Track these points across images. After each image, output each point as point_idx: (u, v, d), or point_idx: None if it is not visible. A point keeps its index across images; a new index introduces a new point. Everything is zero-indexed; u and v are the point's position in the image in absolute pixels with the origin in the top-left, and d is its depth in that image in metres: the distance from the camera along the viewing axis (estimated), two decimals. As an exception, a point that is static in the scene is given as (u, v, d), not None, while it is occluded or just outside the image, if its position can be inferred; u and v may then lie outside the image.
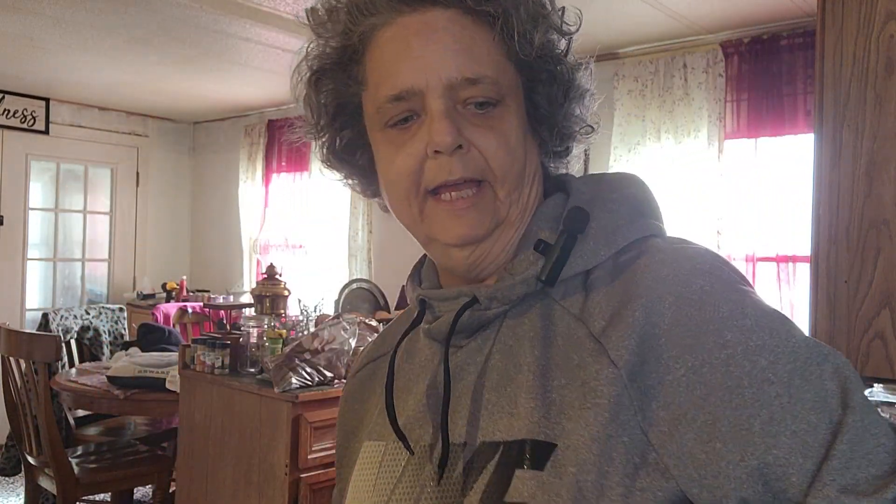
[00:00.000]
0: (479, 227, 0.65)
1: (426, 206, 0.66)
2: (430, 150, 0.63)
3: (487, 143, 0.64)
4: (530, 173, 0.68)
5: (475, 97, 0.64)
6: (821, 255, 1.21)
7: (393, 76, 0.64)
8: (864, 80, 1.18)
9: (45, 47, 3.80)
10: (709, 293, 0.58)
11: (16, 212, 4.98)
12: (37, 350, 2.93)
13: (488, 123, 0.64)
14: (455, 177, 0.63)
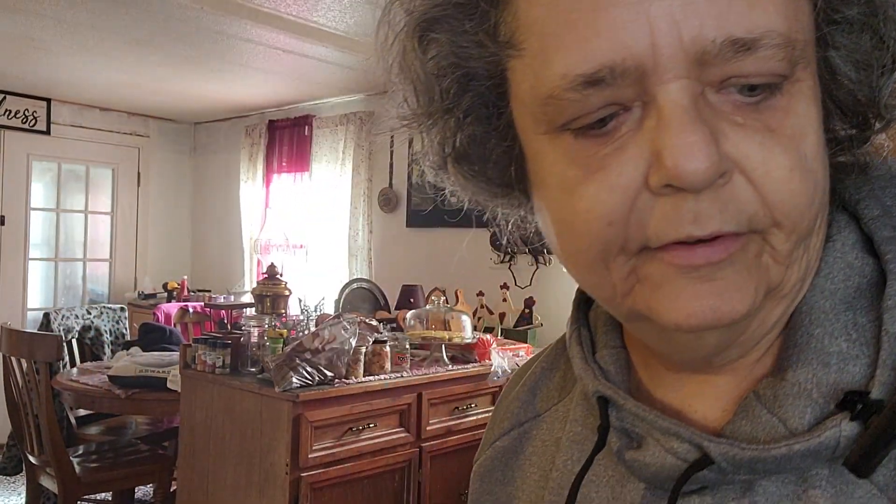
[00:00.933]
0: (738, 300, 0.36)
1: (640, 266, 0.38)
2: (660, 181, 0.35)
3: (769, 165, 0.35)
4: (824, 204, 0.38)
5: (746, 75, 0.34)
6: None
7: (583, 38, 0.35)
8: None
9: (46, 48, 3.81)
10: None
11: (17, 212, 4.99)
12: (38, 350, 2.94)
13: (767, 123, 0.35)
14: (707, 230, 0.35)
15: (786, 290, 0.38)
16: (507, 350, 3.13)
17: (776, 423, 0.38)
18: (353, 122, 4.66)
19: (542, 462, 0.51)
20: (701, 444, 0.39)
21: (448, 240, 4.29)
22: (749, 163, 0.34)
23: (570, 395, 0.52)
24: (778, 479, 0.39)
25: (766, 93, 0.35)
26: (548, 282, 3.86)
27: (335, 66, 4.02)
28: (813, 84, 0.37)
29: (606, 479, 0.46)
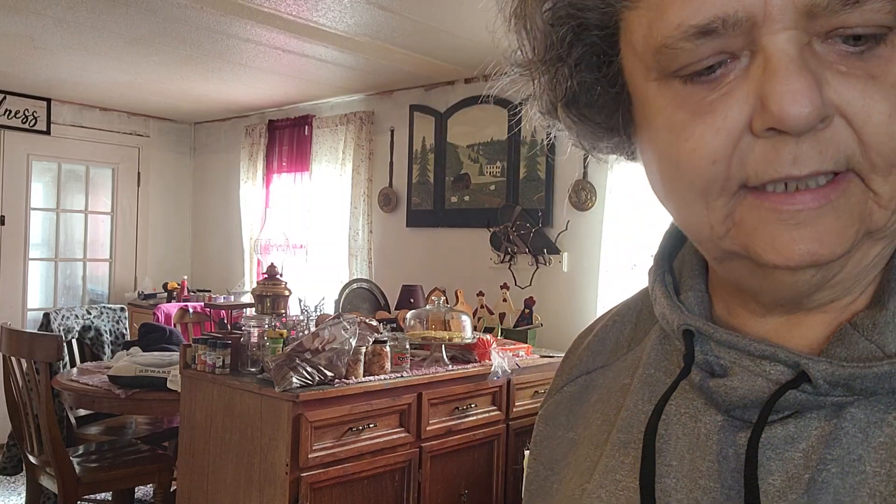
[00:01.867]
0: (836, 240, 0.38)
1: (740, 206, 0.40)
2: (764, 124, 0.37)
3: (869, 110, 0.36)
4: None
5: (851, 26, 0.36)
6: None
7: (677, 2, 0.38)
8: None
9: (46, 48, 3.81)
10: None
11: (17, 212, 4.99)
12: (38, 350, 2.94)
13: (870, 71, 0.37)
14: (805, 171, 0.37)
15: (886, 231, 0.39)
16: (507, 350, 3.13)
17: (873, 349, 0.40)
18: (353, 122, 4.66)
19: (606, 408, 0.53)
20: (799, 362, 0.40)
21: (448, 240, 4.29)
22: (850, 108, 0.36)
23: (641, 345, 0.53)
24: (866, 405, 0.40)
25: (871, 42, 0.37)
26: (548, 282, 3.86)
27: (335, 66, 4.03)
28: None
29: (680, 415, 0.46)
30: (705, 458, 0.44)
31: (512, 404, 3.11)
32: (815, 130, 0.37)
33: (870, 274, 0.42)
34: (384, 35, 3.47)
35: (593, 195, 3.73)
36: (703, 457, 0.45)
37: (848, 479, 0.40)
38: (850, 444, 0.40)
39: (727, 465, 0.43)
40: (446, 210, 4.29)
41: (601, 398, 0.54)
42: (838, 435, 0.41)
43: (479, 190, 4.13)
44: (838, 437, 0.41)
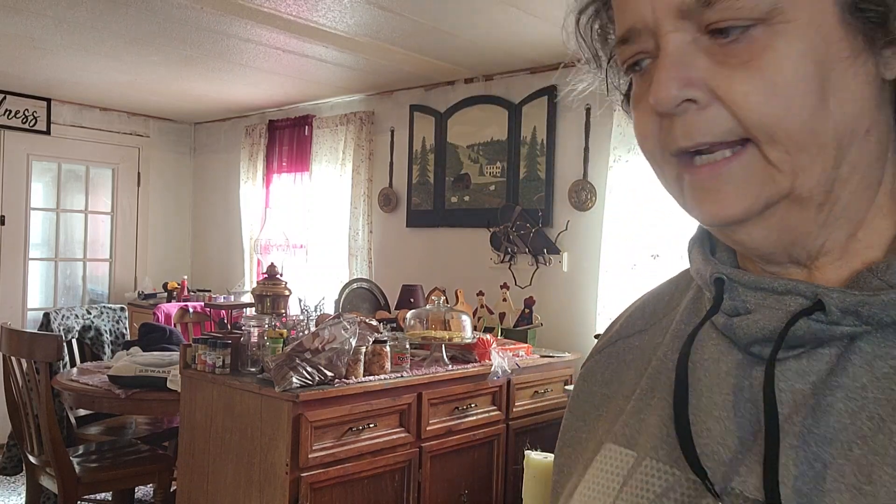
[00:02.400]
0: (734, 202, 0.46)
1: (678, 175, 0.49)
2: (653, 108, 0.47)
3: (736, 89, 0.44)
4: (843, 124, 0.45)
5: (716, 21, 0.44)
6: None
7: (621, 12, 0.50)
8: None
9: (46, 48, 3.81)
10: None
11: (17, 212, 4.99)
12: (38, 350, 2.94)
13: (741, 58, 0.44)
14: (691, 142, 0.46)
15: (807, 195, 0.45)
16: (507, 350, 3.14)
17: (884, 286, 0.45)
18: (353, 122, 4.66)
19: (638, 364, 0.59)
20: (817, 291, 0.46)
21: (448, 240, 4.29)
22: (720, 90, 0.45)
23: (675, 310, 0.59)
24: (874, 339, 0.45)
25: (739, 34, 0.44)
26: (548, 282, 3.86)
27: (335, 66, 4.03)
28: (808, 25, 0.44)
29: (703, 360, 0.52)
30: (721, 393, 0.50)
31: (512, 404, 3.11)
32: (696, 110, 0.45)
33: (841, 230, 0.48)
34: (384, 35, 3.48)
35: (593, 195, 3.73)
36: (720, 392, 0.50)
37: (850, 403, 0.44)
38: (855, 373, 0.45)
39: (741, 397, 0.49)
40: (446, 210, 4.29)
41: (636, 357, 0.60)
42: (845, 365, 0.45)
43: (479, 190, 4.14)
44: (845, 367, 0.45)
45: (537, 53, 3.71)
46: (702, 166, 0.47)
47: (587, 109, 3.77)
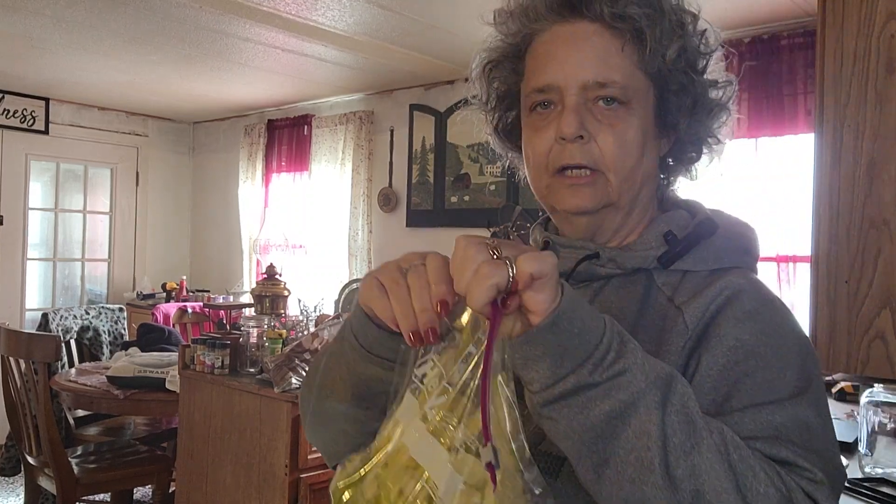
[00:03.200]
0: (590, 201, 0.79)
1: (553, 182, 0.80)
2: (558, 136, 0.77)
3: (605, 138, 0.77)
4: (645, 171, 0.81)
5: (604, 95, 0.77)
6: (821, 255, 1.20)
7: (541, 72, 0.79)
8: (864, 79, 1.18)
9: (44, 47, 3.80)
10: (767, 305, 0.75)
11: (16, 212, 4.97)
12: (36, 350, 2.93)
13: (610, 121, 0.77)
14: (574, 161, 0.77)
15: (621, 204, 0.81)
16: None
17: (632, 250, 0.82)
18: (352, 121, 4.65)
19: None
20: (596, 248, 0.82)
21: (448, 240, 4.27)
22: (597, 136, 0.78)
23: None
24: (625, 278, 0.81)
25: (616, 106, 0.78)
26: (548, 282, 3.85)
27: (335, 65, 4.02)
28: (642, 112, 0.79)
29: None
30: None
31: (512, 405, 3.10)
32: (581, 143, 0.77)
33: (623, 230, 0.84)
34: (384, 34, 3.47)
35: (593, 195, 3.73)
36: None
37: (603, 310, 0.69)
38: (609, 295, 0.81)
39: None
40: (446, 210, 4.28)
41: None
42: (603, 291, 0.82)
43: (479, 190, 4.13)
44: (604, 290, 0.82)
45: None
46: (571, 177, 0.79)
47: (587, 109, 3.77)
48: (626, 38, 0.77)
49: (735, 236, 0.83)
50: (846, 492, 1.33)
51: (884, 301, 1.16)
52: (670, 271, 0.80)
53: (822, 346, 1.17)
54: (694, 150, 0.86)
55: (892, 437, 1.41)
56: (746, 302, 0.74)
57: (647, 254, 0.81)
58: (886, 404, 1.42)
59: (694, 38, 0.81)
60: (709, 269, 0.79)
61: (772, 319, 0.74)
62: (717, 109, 0.84)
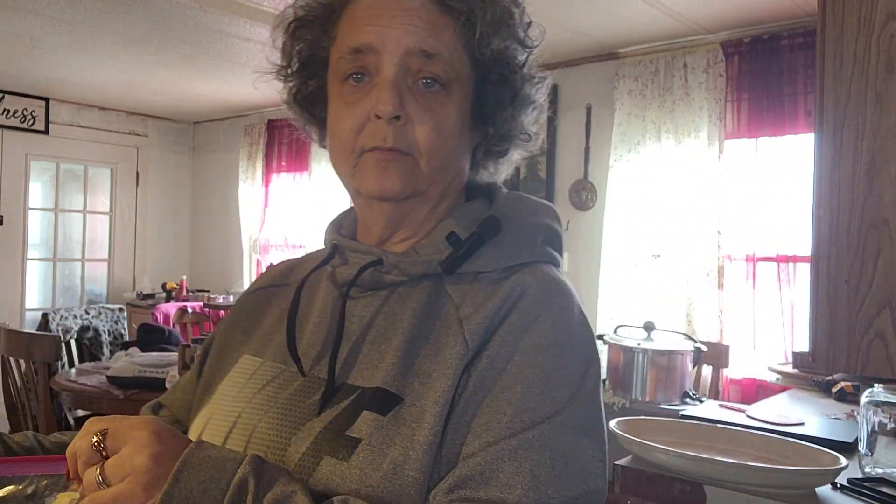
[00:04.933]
0: (397, 185, 0.72)
1: (360, 161, 0.73)
2: (373, 114, 0.70)
3: (422, 121, 0.71)
4: (457, 162, 0.77)
5: (426, 72, 0.71)
6: (821, 255, 1.20)
7: (358, 32, 0.72)
8: (864, 79, 1.18)
9: (44, 47, 3.80)
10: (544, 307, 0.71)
11: (16, 212, 4.98)
12: (36, 350, 2.93)
13: (429, 104, 0.71)
14: (387, 144, 0.70)
15: (430, 195, 0.75)
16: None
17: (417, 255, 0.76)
18: (352, 121, 4.65)
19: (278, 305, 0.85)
20: (380, 254, 0.76)
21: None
22: (415, 118, 0.71)
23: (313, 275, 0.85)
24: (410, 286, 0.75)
25: (437, 88, 0.71)
26: (548, 282, 3.86)
27: (334, 65, 4.02)
28: (461, 98, 0.74)
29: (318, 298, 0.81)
30: (320, 316, 0.78)
31: (512, 405, 3.10)
32: (397, 124, 0.70)
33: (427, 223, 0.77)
34: (384, 34, 3.47)
35: (593, 195, 3.72)
36: (319, 315, 0.79)
37: (388, 321, 0.73)
38: (393, 304, 0.75)
39: (334, 319, 0.76)
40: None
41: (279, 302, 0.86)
42: (389, 300, 0.75)
43: (478, 190, 4.13)
44: (389, 302, 0.75)
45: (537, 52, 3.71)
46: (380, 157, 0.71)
47: (588, 109, 3.76)
48: (456, 18, 0.72)
49: (530, 228, 0.78)
50: (846, 492, 1.33)
51: (884, 301, 1.16)
52: (461, 274, 0.74)
53: (822, 346, 1.17)
54: (506, 144, 0.81)
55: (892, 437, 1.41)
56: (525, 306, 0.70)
57: (430, 259, 0.74)
58: (886, 404, 1.42)
59: (520, 31, 0.78)
60: (502, 267, 0.74)
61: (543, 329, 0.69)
62: (532, 105, 0.81)
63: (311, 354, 0.75)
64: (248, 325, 0.86)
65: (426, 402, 0.66)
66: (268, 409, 0.73)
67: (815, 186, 1.25)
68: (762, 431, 1.62)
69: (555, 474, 0.64)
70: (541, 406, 0.66)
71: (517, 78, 0.78)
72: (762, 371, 3.02)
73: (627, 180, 3.51)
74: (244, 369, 0.80)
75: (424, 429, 0.65)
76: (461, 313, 0.71)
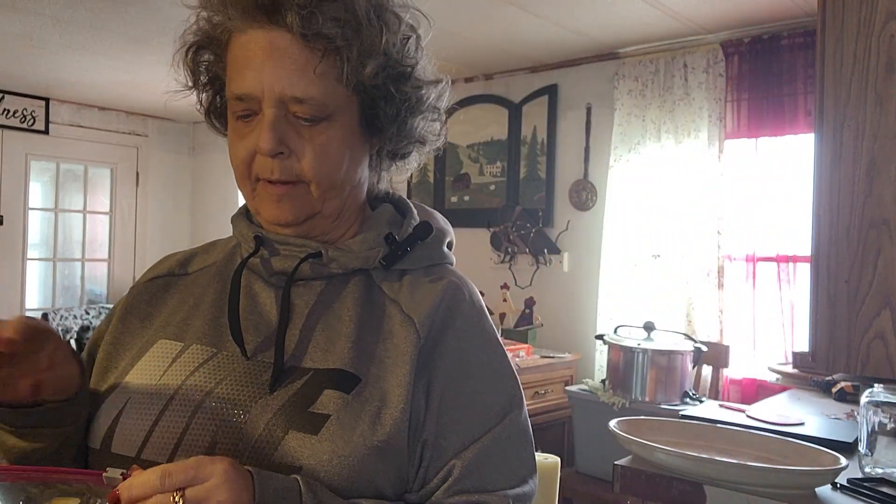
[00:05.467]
0: (291, 215, 0.80)
1: (257, 187, 0.80)
2: (257, 150, 0.77)
3: (304, 153, 0.77)
4: (351, 178, 0.83)
5: (302, 113, 0.76)
6: (821, 255, 1.20)
7: (239, 78, 0.77)
8: (864, 79, 1.18)
9: (45, 47, 3.80)
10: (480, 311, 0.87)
11: (16, 212, 4.98)
12: (36, 350, 2.92)
13: (311, 135, 0.77)
14: (273, 177, 0.78)
15: (327, 213, 0.82)
16: (508, 350, 3.12)
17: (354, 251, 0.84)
18: (352, 121, 4.65)
19: (183, 293, 0.90)
20: (319, 247, 0.83)
21: (448, 240, 4.28)
22: (297, 152, 0.77)
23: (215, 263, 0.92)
24: (344, 279, 0.84)
25: (313, 123, 0.77)
26: (548, 282, 3.86)
27: (334, 65, 4.01)
28: (346, 122, 0.79)
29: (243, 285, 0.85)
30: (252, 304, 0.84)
31: (512, 405, 3.10)
32: (282, 158, 0.77)
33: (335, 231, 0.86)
34: (384, 34, 3.46)
35: (593, 195, 3.72)
36: (251, 303, 0.84)
37: (327, 310, 0.82)
38: (329, 295, 0.83)
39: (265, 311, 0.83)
40: (446, 210, 4.28)
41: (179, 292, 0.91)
42: (324, 291, 0.83)
43: (479, 190, 4.13)
44: (324, 292, 0.83)
45: (537, 52, 3.71)
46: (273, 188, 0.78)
47: (588, 109, 3.77)
48: (323, 55, 0.75)
49: (440, 233, 0.90)
50: (846, 492, 1.33)
51: (884, 301, 1.16)
52: (389, 270, 0.85)
53: (822, 346, 1.17)
54: (404, 149, 0.89)
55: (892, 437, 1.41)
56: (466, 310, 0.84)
57: (368, 254, 0.84)
58: (886, 404, 1.42)
59: (396, 50, 0.80)
60: (423, 266, 0.86)
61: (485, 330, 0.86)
62: (427, 110, 0.87)
63: (247, 338, 0.80)
64: (146, 313, 0.90)
65: (387, 384, 0.76)
66: (212, 387, 0.77)
67: (815, 186, 1.25)
68: (762, 431, 1.62)
69: (525, 456, 0.80)
70: (502, 400, 0.81)
71: (405, 90, 0.82)
72: (762, 371, 3.03)
73: (627, 180, 3.51)
74: (163, 352, 0.83)
75: (391, 408, 0.74)
76: (403, 305, 0.81)
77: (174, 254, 0.98)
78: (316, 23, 0.74)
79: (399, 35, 0.81)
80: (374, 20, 0.78)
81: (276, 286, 0.83)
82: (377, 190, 0.93)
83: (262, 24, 0.75)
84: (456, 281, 0.85)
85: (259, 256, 0.84)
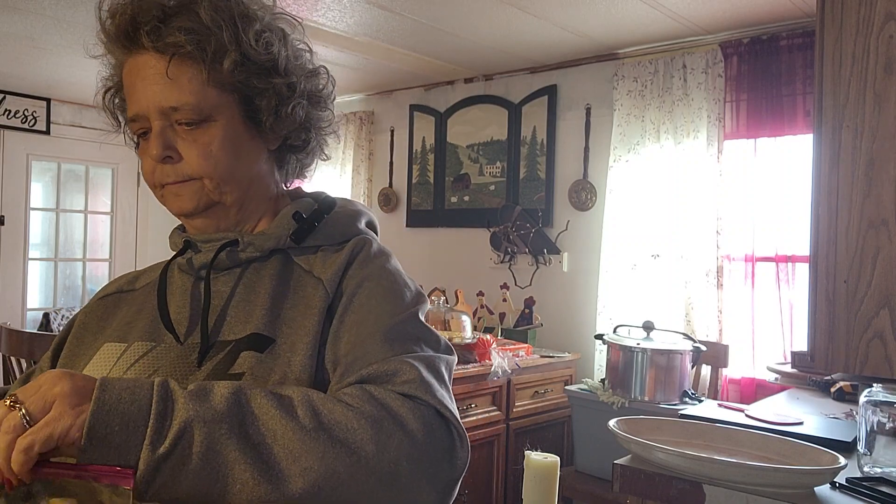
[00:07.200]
0: (190, 204, 0.91)
1: (163, 192, 0.92)
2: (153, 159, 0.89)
3: (189, 154, 0.88)
4: (249, 170, 0.93)
5: (182, 119, 0.87)
6: (820, 255, 1.21)
7: (129, 103, 0.90)
8: (863, 80, 1.19)
9: (46, 47, 3.80)
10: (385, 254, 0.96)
11: (17, 212, 4.98)
12: (38, 350, 2.93)
13: (194, 137, 0.88)
14: (169, 180, 0.90)
15: (228, 202, 0.92)
16: (507, 350, 3.13)
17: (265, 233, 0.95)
18: (353, 122, 4.65)
19: (130, 305, 1.00)
20: (235, 235, 0.94)
21: (448, 240, 4.28)
22: (184, 153, 0.88)
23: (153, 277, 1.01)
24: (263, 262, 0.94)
25: (194, 126, 0.87)
26: (548, 282, 3.86)
27: (335, 65, 4.02)
28: (227, 120, 0.89)
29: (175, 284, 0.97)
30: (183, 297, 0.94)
31: (512, 404, 3.11)
32: (172, 162, 0.89)
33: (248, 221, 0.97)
34: (384, 35, 3.47)
35: (593, 195, 3.73)
36: (182, 297, 0.94)
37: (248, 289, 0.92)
38: (250, 276, 0.93)
39: (194, 298, 0.94)
40: (446, 210, 4.28)
41: (128, 304, 1.01)
42: (245, 274, 0.93)
43: (479, 190, 4.13)
44: (245, 275, 0.93)
45: (537, 53, 3.71)
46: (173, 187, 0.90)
47: (587, 109, 3.77)
48: (184, 62, 0.85)
49: (353, 213, 1.01)
50: (845, 491, 1.34)
51: (882, 301, 1.16)
52: (305, 248, 0.95)
53: (820, 345, 1.17)
54: (300, 138, 0.97)
55: (891, 437, 1.42)
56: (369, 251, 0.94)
57: (280, 233, 0.94)
58: (885, 404, 1.43)
59: (252, 47, 0.88)
60: (337, 242, 0.96)
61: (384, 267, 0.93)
62: (303, 97, 0.94)
63: (181, 328, 0.91)
64: (98, 327, 1.00)
65: (297, 336, 0.85)
66: (150, 374, 0.86)
67: (813, 187, 1.25)
68: (761, 431, 1.63)
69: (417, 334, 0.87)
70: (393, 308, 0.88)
71: (274, 82, 0.90)
72: (761, 371, 3.03)
73: (627, 180, 3.52)
74: (108, 355, 0.92)
75: (299, 355, 0.84)
76: (316, 273, 0.91)
77: (125, 274, 1.10)
78: (163, 34, 0.84)
79: (253, 33, 0.88)
80: (223, 23, 0.86)
81: (204, 279, 0.92)
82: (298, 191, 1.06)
83: (130, 50, 0.88)
84: (363, 237, 0.96)
85: (186, 258, 0.96)
